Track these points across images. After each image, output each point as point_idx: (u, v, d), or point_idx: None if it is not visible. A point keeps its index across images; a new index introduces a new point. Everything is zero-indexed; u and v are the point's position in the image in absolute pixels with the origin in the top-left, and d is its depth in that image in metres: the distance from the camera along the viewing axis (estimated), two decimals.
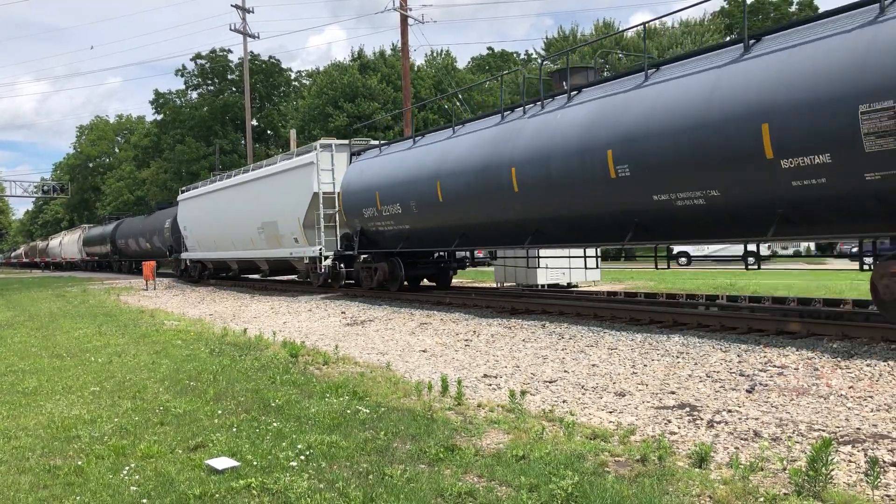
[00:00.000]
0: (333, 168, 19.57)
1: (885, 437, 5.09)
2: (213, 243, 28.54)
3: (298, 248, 20.85)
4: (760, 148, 8.56)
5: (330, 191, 19.48)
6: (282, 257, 22.63)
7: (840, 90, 7.85)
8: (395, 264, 17.67)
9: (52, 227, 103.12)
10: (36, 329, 14.66)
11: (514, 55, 66.29)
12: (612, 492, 4.20)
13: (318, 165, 19.52)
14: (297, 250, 20.97)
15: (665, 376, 7.49)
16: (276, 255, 22.92)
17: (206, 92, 68.04)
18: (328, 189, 19.51)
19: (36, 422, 6.50)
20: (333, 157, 19.73)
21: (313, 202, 19.67)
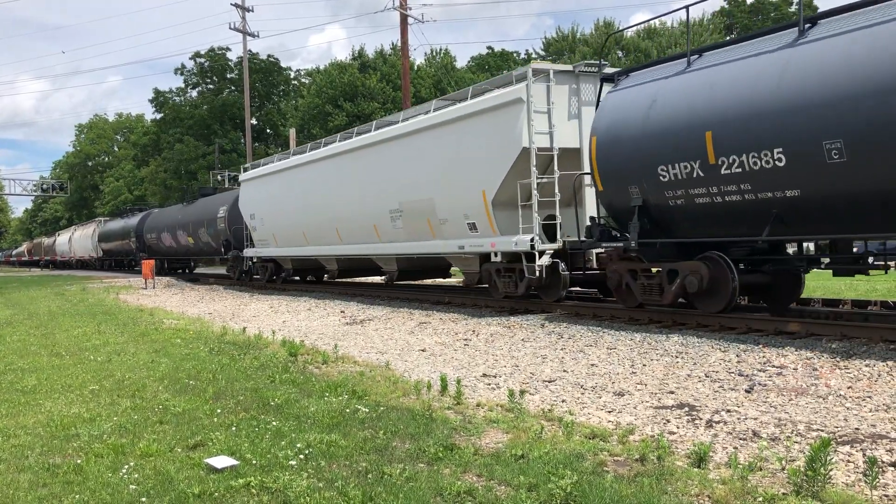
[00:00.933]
0: (550, 109, 12.44)
1: (883, 437, 5.10)
2: (300, 235, 21.50)
3: (479, 239, 13.73)
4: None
5: (546, 146, 12.40)
6: (439, 253, 15.30)
7: None
8: (719, 266, 9.87)
9: (51, 225, 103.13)
10: (35, 327, 14.65)
11: (514, 55, 66.25)
12: (610, 491, 4.20)
13: (529, 104, 12.19)
14: (474, 242, 13.85)
15: (664, 376, 7.49)
16: (426, 249, 15.53)
17: (206, 90, 68.01)
18: (543, 143, 12.40)
19: (35, 420, 6.50)
20: (551, 91, 12.49)
21: (518, 166, 12.44)
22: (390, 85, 51.11)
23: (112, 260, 50.76)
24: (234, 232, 26.35)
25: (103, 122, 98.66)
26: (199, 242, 30.78)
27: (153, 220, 38.35)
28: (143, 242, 39.26)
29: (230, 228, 26.70)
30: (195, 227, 30.75)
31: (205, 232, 29.63)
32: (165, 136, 66.05)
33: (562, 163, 12.51)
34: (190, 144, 62.24)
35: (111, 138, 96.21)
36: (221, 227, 27.62)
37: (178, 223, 33.10)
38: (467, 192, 13.69)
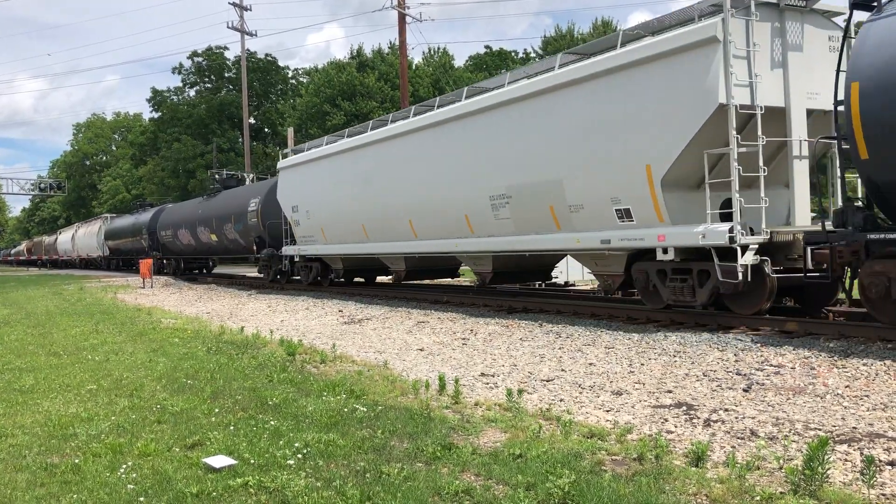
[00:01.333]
0: (750, 53, 9.46)
1: (880, 436, 5.11)
2: (358, 230, 17.89)
3: (635, 231, 10.62)
4: None
5: (747, 102, 9.41)
6: (564, 249, 12.52)
7: None
8: None
9: (49, 224, 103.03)
10: (32, 327, 14.64)
11: (513, 54, 66.25)
12: (608, 490, 4.21)
13: (727, 45, 9.24)
14: (628, 234, 10.74)
15: (662, 375, 7.50)
16: (545, 245, 12.50)
17: (204, 90, 67.98)
18: (743, 99, 9.41)
19: (33, 420, 6.49)
20: (752, 28, 9.46)
21: (707, 130, 9.52)
22: (388, 84, 51.10)
23: (119, 259, 47.64)
24: (270, 227, 22.85)
25: (101, 121, 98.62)
26: (225, 240, 27.10)
27: (168, 216, 34.68)
28: (157, 240, 35.69)
29: (264, 224, 23.17)
30: (220, 223, 26.96)
31: (231, 228, 25.79)
32: (163, 136, 66.01)
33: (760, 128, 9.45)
34: (188, 144, 62.21)
35: (109, 137, 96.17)
36: (253, 222, 23.95)
37: (199, 219, 29.26)
38: (620, 168, 10.52)
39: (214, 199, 29.08)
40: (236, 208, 25.66)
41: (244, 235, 25.11)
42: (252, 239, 24.49)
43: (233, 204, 26.27)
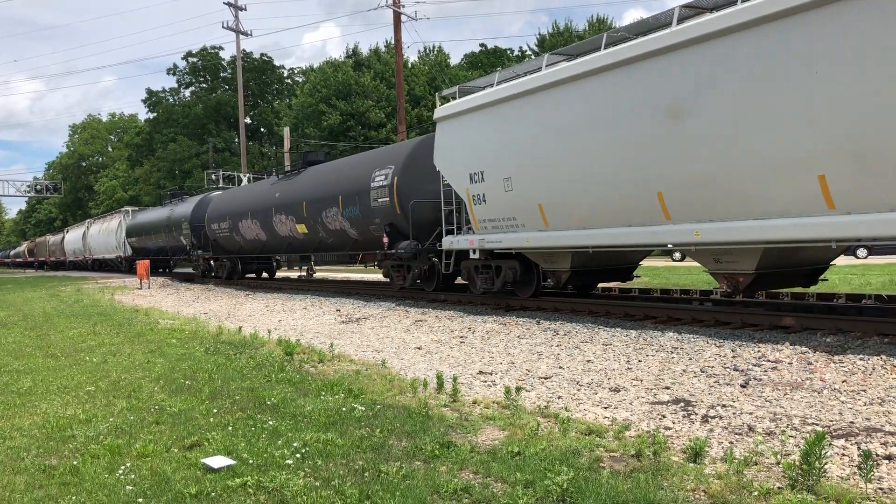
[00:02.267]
0: None
1: (878, 430, 5.12)
2: (594, 207, 11.13)
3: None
4: None
5: None
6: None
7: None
8: None
9: (45, 226, 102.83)
10: (30, 329, 14.62)
11: (508, 52, 66.25)
12: (607, 487, 4.21)
13: None
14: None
15: (660, 371, 7.51)
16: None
17: (199, 90, 67.91)
18: None
19: (31, 422, 6.49)
20: None
21: None
22: (384, 83, 51.07)
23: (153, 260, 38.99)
24: (414, 210, 15.48)
25: (97, 122, 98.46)
26: (322, 231, 19.79)
27: (222, 205, 26.98)
28: (204, 236, 28.35)
29: (402, 204, 15.67)
30: (315, 208, 19.66)
31: (338, 214, 18.48)
32: (159, 136, 65.95)
33: None
34: (183, 144, 62.15)
35: (105, 138, 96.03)
36: (383, 202, 16.28)
37: (276, 204, 21.95)
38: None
39: (298, 176, 21.55)
40: (349, 186, 17.95)
41: (362, 223, 17.55)
42: (378, 228, 16.77)
43: (339, 180, 18.75)
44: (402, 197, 15.67)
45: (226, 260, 28.17)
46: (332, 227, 19.08)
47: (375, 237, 17.08)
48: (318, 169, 21.15)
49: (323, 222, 19.40)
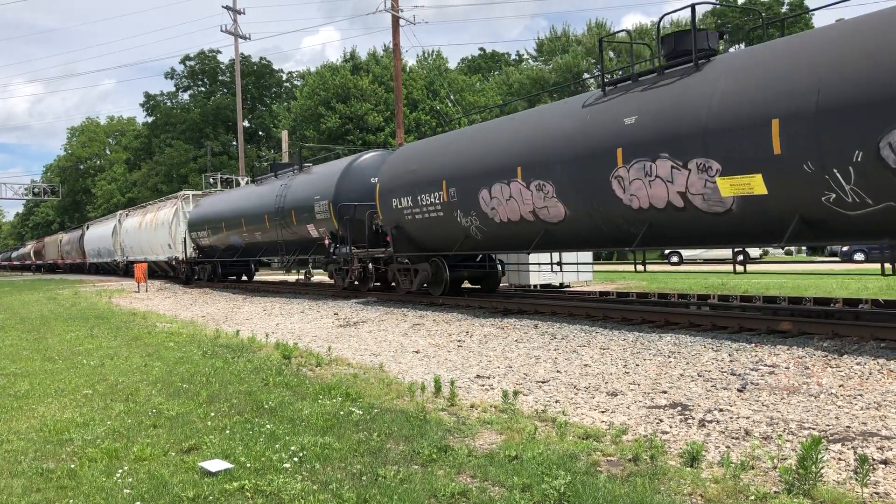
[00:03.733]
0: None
1: (874, 434, 5.13)
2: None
3: None
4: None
5: None
6: None
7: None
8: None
9: (42, 229, 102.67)
10: (27, 332, 14.60)
11: (506, 56, 66.37)
12: (604, 491, 4.22)
13: None
14: None
15: (657, 376, 7.52)
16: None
17: (197, 93, 67.97)
18: None
19: (28, 425, 6.48)
20: None
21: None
22: (382, 86, 51.14)
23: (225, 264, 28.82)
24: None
25: (95, 125, 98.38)
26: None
27: (413, 162, 15.89)
28: (370, 224, 18.20)
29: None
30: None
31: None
32: (157, 140, 65.98)
33: None
34: (180, 148, 62.14)
35: (103, 141, 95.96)
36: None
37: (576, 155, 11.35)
38: None
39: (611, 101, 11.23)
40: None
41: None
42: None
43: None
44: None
45: (438, 262, 15.99)
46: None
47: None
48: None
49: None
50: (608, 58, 46.17)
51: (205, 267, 30.06)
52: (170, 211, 32.27)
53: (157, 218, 34.08)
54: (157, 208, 35.18)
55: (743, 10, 51.13)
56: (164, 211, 33.37)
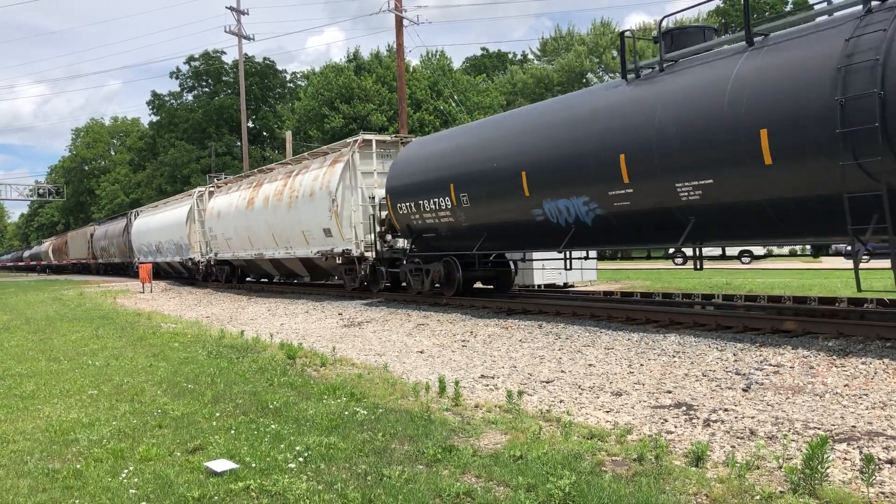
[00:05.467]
0: None
1: (879, 434, 5.12)
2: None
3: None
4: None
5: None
6: None
7: None
8: None
9: (47, 230, 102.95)
10: (32, 332, 14.64)
11: (510, 55, 66.35)
12: (609, 491, 4.22)
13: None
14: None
15: (661, 375, 7.52)
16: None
17: (202, 94, 68.10)
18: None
19: (34, 425, 6.50)
20: None
21: None
22: (386, 87, 51.15)
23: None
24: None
25: (99, 126, 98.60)
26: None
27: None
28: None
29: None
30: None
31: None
32: (161, 140, 66.11)
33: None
34: (183, 149, 62.24)
35: (107, 142, 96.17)
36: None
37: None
38: None
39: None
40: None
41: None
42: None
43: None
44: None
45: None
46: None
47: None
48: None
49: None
50: (611, 56, 46.11)
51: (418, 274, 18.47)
52: (328, 172, 18.88)
53: (304, 186, 19.76)
54: (304, 169, 20.63)
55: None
56: (326, 169, 19.04)
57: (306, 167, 20.74)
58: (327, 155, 20.07)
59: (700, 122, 9.36)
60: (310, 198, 19.37)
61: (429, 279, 15.85)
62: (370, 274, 18.15)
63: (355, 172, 18.06)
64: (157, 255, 34.85)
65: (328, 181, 18.52)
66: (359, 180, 18.01)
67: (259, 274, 26.52)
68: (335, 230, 18.37)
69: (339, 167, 18.31)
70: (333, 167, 18.53)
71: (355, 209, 17.93)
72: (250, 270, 26.88)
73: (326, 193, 18.46)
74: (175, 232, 29.10)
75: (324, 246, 19.29)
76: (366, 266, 18.06)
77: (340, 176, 18.11)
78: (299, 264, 22.06)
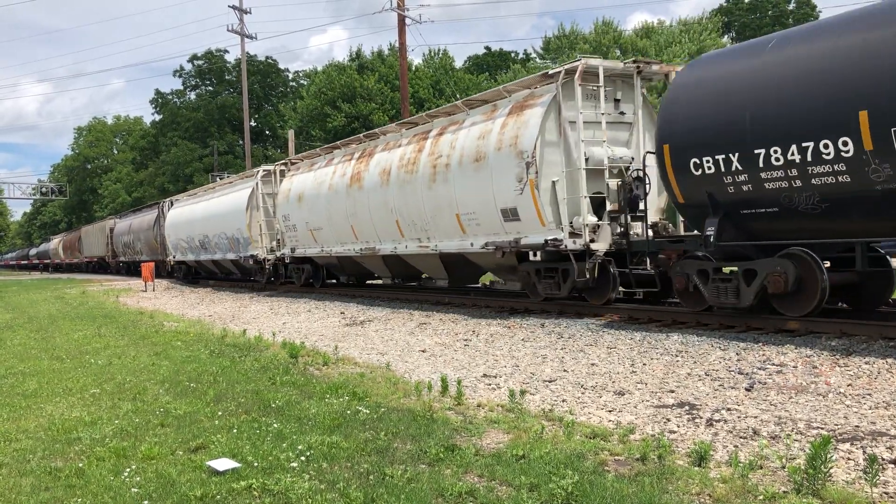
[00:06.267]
0: None
1: (883, 434, 5.11)
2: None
3: None
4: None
5: None
6: None
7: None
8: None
9: (49, 228, 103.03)
10: (35, 331, 14.66)
11: (513, 54, 66.32)
12: (611, 491, 4.21)
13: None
14: None
15: (664, 375, 7.50)
16: None
17: (204, 92, 68.15)
18: None
19: (36, 424, 6.51)
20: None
21: None
22: (388, 86, 51.13)
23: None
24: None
25: (102, 124, 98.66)
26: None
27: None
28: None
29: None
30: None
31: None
32: (164, 139, 66.16)
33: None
34: (185, 148, 62.26)
35: (110, 141, 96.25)
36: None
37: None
38: None
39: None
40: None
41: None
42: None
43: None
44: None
45: None
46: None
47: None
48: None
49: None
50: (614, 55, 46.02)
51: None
52: (523, 125, 12.86)
53: (465, 146, 13.78)
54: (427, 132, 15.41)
55: (749, 7, 50.99)
56: (490, 126, 13.40)
57: (456, 122, 14.47)
58: (502, 99, 13.45)
59: None
60: (474, 164, 13.16)
61: (753, 288, 9.29)
62: (597, 275, 11.62)
63: (562, 121, 11.87)
64: (200, 252, 28.21)
65: (515, 136, 12.20)
66: (570, 134, 11.81)
67: (358, 274, 20.43)
68: (528, 210, 12.02)
69: (534, 114, 12.00)
70: (522, 115, 12.29)
71: (565, 178, 11.79)
72: (343, 270, 20.57)
73: (510, 156, 12.20)
74: (229, 223, 23.57)
75: (501, 234, 12.91)
76: (592, 265, 11.49)
77: (540, 127, 11.76)
78: (437, 263, 15.74)
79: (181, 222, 29.84)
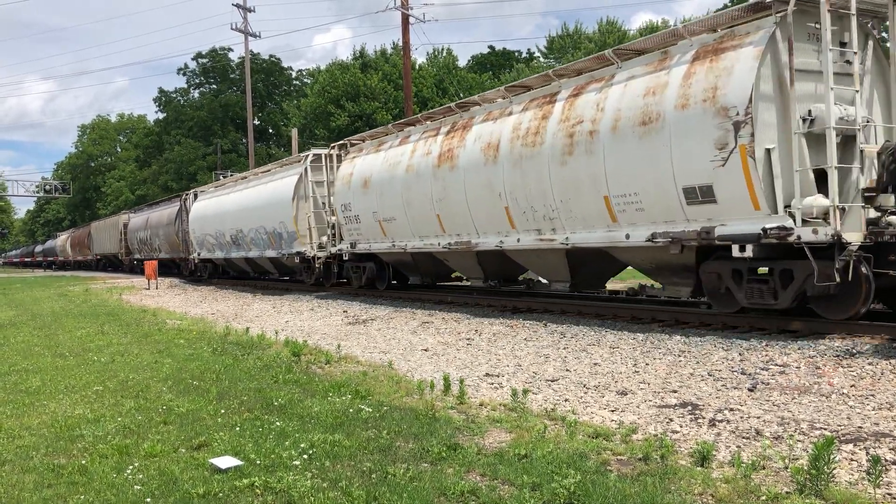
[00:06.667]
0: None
1: (886, 435, 5.10)
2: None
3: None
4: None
5: None
6: None
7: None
8: None
9: (53, 226, 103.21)
10: (38, 328, 14.68)
11: (516, 54, 66.30)
12: (614, 490, 4.21)
13: None
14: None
15: (667, 375, 7.49)
16: None
17: (208, 91, 68.20)
18: None
19: (39, 421, 6.52)
20: None
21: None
22: (392, 84, 51.15)
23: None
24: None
25: (105, 122, 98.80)
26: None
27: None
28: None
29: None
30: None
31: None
32: (167, 137, 66.23)
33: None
34: (189, 146, 62.31)
35: (114, 139, 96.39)
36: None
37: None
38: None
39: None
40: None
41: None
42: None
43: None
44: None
45: None
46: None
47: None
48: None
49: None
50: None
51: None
52: (725, 73, 9.18)
53: (621, 106, 10.48)
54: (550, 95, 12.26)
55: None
56: (660, 79, 10.06)
57: (600, 79, 11.31)
58: (675, 45, 10.28)
59: None
60: (638, 129, 10.09)
61: None
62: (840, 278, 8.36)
63: (781, 69, 8.91)
64: (230, 248, 25.26)
65: (712, 88, 9.19)
66: (796, 85, 8.76)
67: (436, 274, 17.39)
68: (733, 188, 9.05)
69: (744, 56, 9.00)
70: (720, 60, 9.27)
71: (792, 145, 8.80)
72: (416, 270, 17.37)
73: (704, 114, 9.22)
74: (270, 216, 20.90)
75: (679, 222, 9.88)
76: (843, 264, 8.27)
77: (758, 73, 8.78)
78: (560, 261, 12.64)
79: (208, 216, 26.68)
